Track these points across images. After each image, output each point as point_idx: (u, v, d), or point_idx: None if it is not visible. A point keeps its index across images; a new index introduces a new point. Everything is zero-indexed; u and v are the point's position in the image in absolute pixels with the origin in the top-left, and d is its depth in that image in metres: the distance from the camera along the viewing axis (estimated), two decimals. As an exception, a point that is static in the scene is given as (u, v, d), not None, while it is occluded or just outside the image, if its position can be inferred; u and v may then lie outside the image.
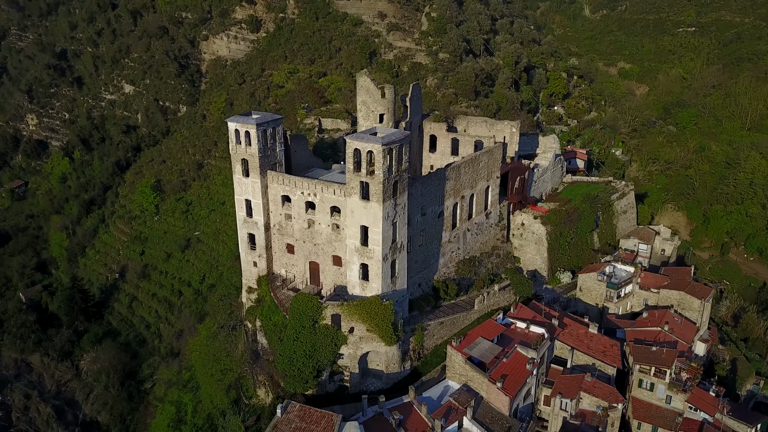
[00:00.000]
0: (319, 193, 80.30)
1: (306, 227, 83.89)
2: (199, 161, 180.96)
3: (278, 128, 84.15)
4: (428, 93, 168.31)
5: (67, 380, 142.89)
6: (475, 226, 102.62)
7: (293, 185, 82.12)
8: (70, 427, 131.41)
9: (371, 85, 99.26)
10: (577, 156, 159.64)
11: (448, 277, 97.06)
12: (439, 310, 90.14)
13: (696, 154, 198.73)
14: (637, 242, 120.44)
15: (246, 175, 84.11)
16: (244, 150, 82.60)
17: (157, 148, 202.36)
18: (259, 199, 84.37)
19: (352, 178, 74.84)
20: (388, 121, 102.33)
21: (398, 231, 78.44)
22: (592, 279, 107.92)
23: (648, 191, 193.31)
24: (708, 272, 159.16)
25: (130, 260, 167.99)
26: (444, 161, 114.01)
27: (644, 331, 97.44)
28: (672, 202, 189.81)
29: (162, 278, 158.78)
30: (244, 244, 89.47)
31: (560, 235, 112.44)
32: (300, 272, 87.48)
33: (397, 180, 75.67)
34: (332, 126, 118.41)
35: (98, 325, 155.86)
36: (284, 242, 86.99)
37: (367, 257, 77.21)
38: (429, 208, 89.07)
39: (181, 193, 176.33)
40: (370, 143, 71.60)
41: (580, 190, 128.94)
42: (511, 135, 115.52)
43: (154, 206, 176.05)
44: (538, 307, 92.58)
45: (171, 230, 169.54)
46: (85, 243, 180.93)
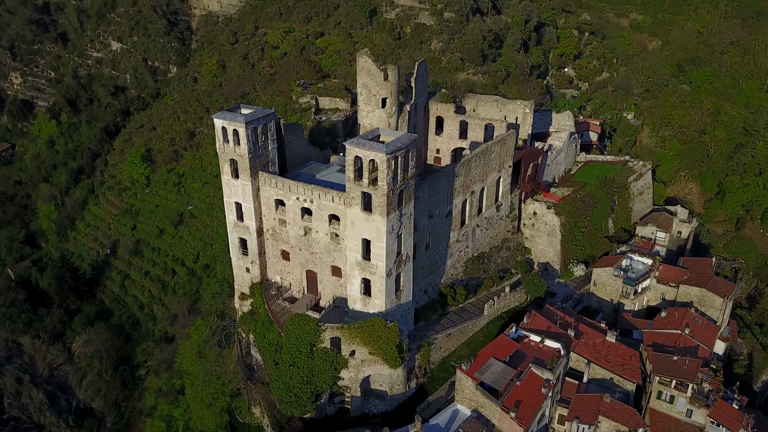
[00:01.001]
0: (316, 199, 72.75)
1: (302, 234, 76.75)
2: (191, 129, 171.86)
3: (270, 124, 75.71)
4: (433, 58, 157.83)
5: (59, 364, 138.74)
6: (484, 221, 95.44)
7: (287, 189, 74.48)
8: (64, 414, 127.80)
9: (372, 66, 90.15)
10: (590, 128, 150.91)
11: (456, 279, 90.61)
12: (447, 318, 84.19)
13: (711, 118, 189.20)
14: (655, 230, 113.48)
15: (235, 176, 76.33)
16: (232, 149, 74.55)
17: (147, 113, 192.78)
18: (251, 202, 76.89)
19: (352, 188, 67.23)
20: (391, 105, 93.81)
21: (403, 242, 71.41)
22: (608, 274, 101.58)
23: (660, 159, 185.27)
24: (722, 249, 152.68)
25: (122, 235, 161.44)
26: (451, 145, 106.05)
27: (663, 333, 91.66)
28: (685, 170, 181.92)
29: (155, 255, 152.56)
30: (236, 248, 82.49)
31: (574, 225, 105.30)
32: (296, 280, 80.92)
33: (402, 189, 68.05)
34: (330, 105, 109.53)
35: (90, 304, 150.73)
36: (279, 248, 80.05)
37: (370, 272, 70.45)
38: (437, 209, 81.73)
39: (172, 163, 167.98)
40: (372, 151, 63.64)
41: (595, 171, 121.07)
42: (524, 116, 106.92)
43: (144, 178, 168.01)
44: (552, 313, 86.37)
45: (163, 204, 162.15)
46: (74, 215, 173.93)
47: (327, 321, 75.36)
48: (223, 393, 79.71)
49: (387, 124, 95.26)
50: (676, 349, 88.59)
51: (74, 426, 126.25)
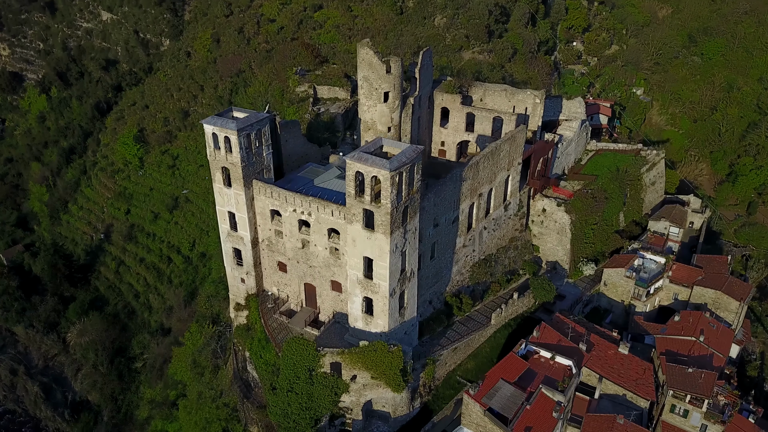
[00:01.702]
0: (314, 212, 67.95)
1: (299, 247, 72.20)
2: (185, 108, 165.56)
3: (264, 129, 70.32)
4: (436, 35, 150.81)
5: (54, 354, 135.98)
6: (492, 222, 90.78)
7: (283, 200, 69.60)
8: (59, 408, 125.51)
9: (374, 58, 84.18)
10: (600, 110, 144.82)
11: (462, 285, 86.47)
12: (452, 330, 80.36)
13: (723, 94, 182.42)
14: (668, 225, 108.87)
15: (228, 185, 71.33)
16: (224, 157, 69.36)
17: (139, 89, 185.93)
18: (244, 212, 72.08)
19: (353, 204, 62.41)
20: (394, 99, 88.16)
21: (408, 259, 66.95)
22: (620, 275, 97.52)
23: (670, 138, 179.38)
24: (732, 235, 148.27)
25: (116, 219, 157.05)
26: (457, 137, 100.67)
27: (677, 340, 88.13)
28: (695, 149, 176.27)
29: (150, 242, 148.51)
30: (230, 258, 78.01)
31: (585, 223, 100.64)
32: (294, 293, 76.75)
33: (407, 205, 63.23)
34: (329, 95, 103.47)
35: (84, 291, 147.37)
36: (275, 260, 75.62)
37: (372, 291, 66.21)
38: (442, 217, 77.00)
39: (166, 144, 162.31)
40: (375, 168, 58.60)
41: (606, 161, 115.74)
42: (533, 106, 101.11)
43: (137, 159, 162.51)
44: (562, 323, 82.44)
45: (157, 187, 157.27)
46: (66, 197, 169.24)
47: (327, 338, 71.68)
48: (218, 417, 76.51)
49: (389, 118, 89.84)
50: (690, 358, 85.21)
51: (70, 420, 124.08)
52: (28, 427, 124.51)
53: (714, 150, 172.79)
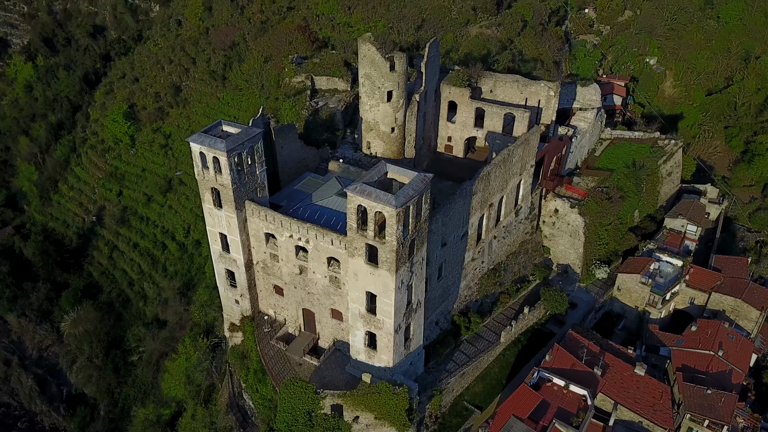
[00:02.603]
0: (312, 239, 62.46)
1: (297, 273, 67.03)
2: (177, 84, 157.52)
3: (258, 145, 64.07)
4: (442, 7, 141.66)
5: (48, 345, 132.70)
6: (502, 230, 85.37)
7: (279, 224, 63.99)
8: (55, 402, 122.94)
9: (377, 55, 77.20)
10: (614, 90, 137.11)
11: (470, 300, 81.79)
12: (460, 351, 76.07)
13: (740, 63, 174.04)
14: (686, 223, 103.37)
15: (218, 206, 65.58)
16: (213, 177, 63.41)
17: (129, 59, 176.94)
18: (237, 235, 66.59)
19: (355, 238, 56.93)
20: (398, 98, 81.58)
21: (414, 291, 61.90)
22: (634, 281, 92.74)
23: (684, 112, 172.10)
24: (747, 219, 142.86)
25: (107, 201, 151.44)
26: (465, 133, 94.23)
27: (694, 354, 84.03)
28: (708, 124, 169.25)
29: (143, 226, 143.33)
30: (222, 279, 72.95)
31: (599, 225, 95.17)
32: (292, 317, 72.00)
33: (414, 238, 57.74)
34: (328, 86, 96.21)
35: (77, 277, 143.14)
36: (271, 282, 70.50)
37: (375, 327, 61.45)
38: (451, 235, 71.56)
39: (158, 122, 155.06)
40: (379, 203, 52.85)
41: (622, 152, 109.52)
42: (547, 99, 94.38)
43: (128, 137, 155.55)
44: (575, 342, 78.05)
45: (150, 167, 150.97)
46: (56, 176, 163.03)
47: (327, 368, 67.54)
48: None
49: (393, 118, 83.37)
50: (708, 375, 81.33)
51: (66, 414, 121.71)
52: (23, 421, 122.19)
53: (729, 125, 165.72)
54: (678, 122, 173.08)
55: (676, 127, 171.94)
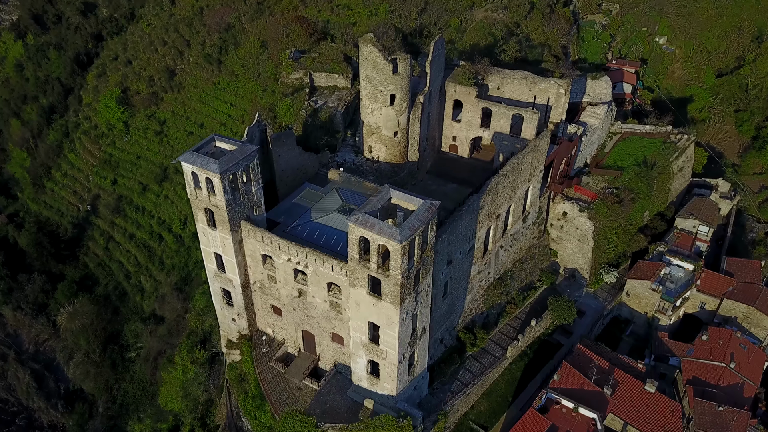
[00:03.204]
0: (311, 264, 59.29)
1: (296, 295, 64.05)
2: (171, 67, 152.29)
3: (253, 163, 60.38)
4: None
5: (44, 339, 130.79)
6: (509, 238, 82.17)
7: (276, 247, 60.72)
8: (53, 399, 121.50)
9: (379, 57, 72.89)
10: (624, 78, 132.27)
11: (475, 312, 79.05)
12: (465, 368, 73.56)
13: (752, 43, 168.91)
14: (697, 224, 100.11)
15: (212, 226, 62.23)
16: (206, 198, 59.92)
17: (121, 39, 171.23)
18: (232, 256, 63.42)
19: (357, 269, 53.75)
20: (401, 101, 77.49)
21: (419, 318, 59.02)
22: (644, 287, 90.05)
23: (693, 95, 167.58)
24: (756, 209, 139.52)
25: (102, 189, 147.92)
26: (471, 133, 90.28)
27: (705, 365, 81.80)
28: (718, 107, 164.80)
29: (139, 216, 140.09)
30: (218, 297, 70.03)
31: (609, 229, 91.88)
32: (291, 337, 69.27)
33: (420, 268, 54.59)
34: (327, 83, 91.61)
35: (73, 269, 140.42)
36: (269, 303, 67.58)
37: (378, 356, 58.80)
38: (457, 252, 68.39)
39: (152, 107, 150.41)
40: (383, 237, 49.54)
41: (632, 148, 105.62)
42: (557, 97, 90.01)
43: (122, 123, 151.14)
44: (584, 356, 75.62)
45: (145, 155, 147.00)
46: (49, 162, 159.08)
47: (328, 392, 65.26)
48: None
49: (396, 122, 79.39)
50: (719, 389, 79.19)
51: (65, 411, 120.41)
52: (21, 417, 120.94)
53: (740, 109, 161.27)
54: (687, 106, 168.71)
55: (685, 110, 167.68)
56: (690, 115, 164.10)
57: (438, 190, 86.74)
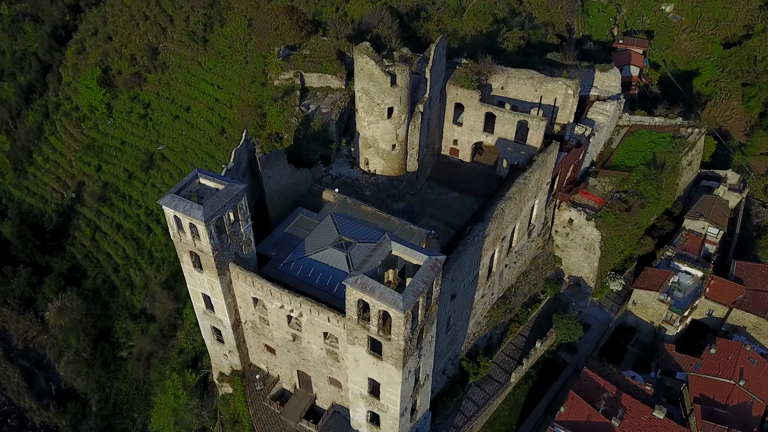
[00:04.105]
0: (306, 313, 55.27)
1: (290, 339, 60.25)
2: (153, 45, 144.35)
3: (241, 202, 55.50)
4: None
5: (33, 336, 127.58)
6: (514, 255, 78.18)
7: (267, 293, 56.52)
8: (44, 399, 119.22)
9: (376, 69, 67.23)
10: (632, 60, 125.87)
11: (478, 336, 75.71)
12: (468, 398, 70.80)
13: (761, 11, 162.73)
14: (707, 225, 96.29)
15: (199, 269, 57.80)
16: (191, 242, 55.28)
17: (100, 11, 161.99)
18: (221, 298, 59.27)
19: (355, 329, 49.82)
20: (400, 113, 72.12)
21: (423, 368, 55.53)
22: (652, 297, 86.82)
23: (700, 68, 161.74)
24: (762, 192, 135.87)
25: (87, 176, 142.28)
26: (473, 137, 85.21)
27: (713, 382, 79.45)
28: (725, 80, 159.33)
29: (126, 206, 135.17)
30: (208, 334, 66.19)
31: (616, 236, 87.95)
32: (286, 375, 65.84)
33: (424, 325, 50.71)
34: (320, 83, 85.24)
35: (60, 259, 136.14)
36: (262, 341, 63.85)
37: (378, 409, 55.59)
38: (461, 284, 64.43)
39: (135, 89, 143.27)
40: (384, 303, 45.43)
41: (641, 143, 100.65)
42: (564, 98, 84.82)
43: (104, 105, 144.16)
44: (591, 383, 72.82)
45: (129, 140, 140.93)
46: (29, 146, 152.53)
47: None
48: None
49: (394, 135, 74.25)
50: (728, 408, 77.08)
51: (57, 411, 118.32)
52: (13, 417, 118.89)
53: (747, 82, 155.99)
54: (693, 80, 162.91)
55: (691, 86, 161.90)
56: (696, 90, 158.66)
57: (438, 199, 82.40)
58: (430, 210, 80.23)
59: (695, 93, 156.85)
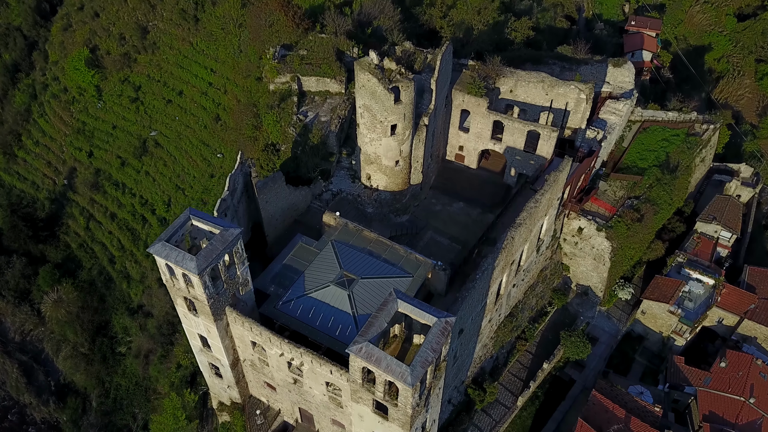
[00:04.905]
0: (307, 363, 52.72)
1: (291, 382, 57.91)
2: (143, 23, 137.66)
3: (237, 246, 52.16)
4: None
5: (30, 329, 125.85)
6: (522, 273, 75.28)
7: (267, 339, 53.82)
8: (44, 395, 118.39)
9: (378, 87, 62.97)
10: (644, 44, 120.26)
11: (485, 359, 73.58)
12: (474, 425, 69.08)
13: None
14: (719, 229, 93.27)
15: (194, 313, 54.92)
16: (184, 289, 52.20)
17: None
18: (218, 341, 56.59)
19: (359, 390, 47.32)
20: (404, 129, 68.09)
21: (430, 417, 53.38)
22: (662, 309, 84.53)
23: (712, 42, 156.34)
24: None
25: (78, 162, 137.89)
26: (480, 145, 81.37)
27: (723, 398, 78.10)
28: (738, 55, 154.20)
29: (119, 194, 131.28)
30: (206, 368, 63.82)
31: (627, 247, 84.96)
32: (287, 410, 63.82)
33: (432, 384, 48.21)
34: (318, 87, 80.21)
35: (54, 249, 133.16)
36: (262, 379, 61.58)
37: (384, 458, 53.67)
38: (468, 318, 61.79)
39: (125, 70, 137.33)
40: (391, 376, 42.77)
41: (653, 141, 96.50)
42: (577, 102, 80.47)
43: (94, 87, 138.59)
44: (600, 407, 71.13)
45: (121, 125, 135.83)
46: (18, 129, 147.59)
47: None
48: None
49: (398, 151, 70.38)
50: (738, 427, 75.85)
51: (57, 407, 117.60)
52: (13, 413, 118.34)
53: (761, 58, 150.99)
54: (705, 55, 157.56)
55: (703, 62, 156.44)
56: (707, 66, 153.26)
57: (443, 211, 79.23)
58: (435, 223, 77.16)
59: (707, 70, 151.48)
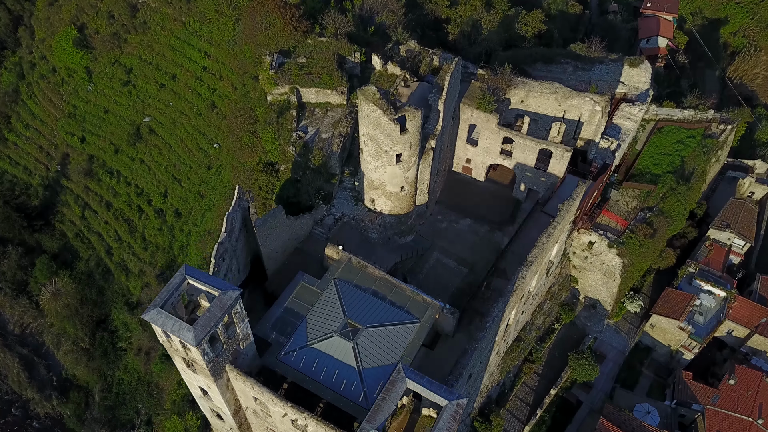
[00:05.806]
0: (312, 426, 50.99)
1: (296, 434, 56.44)
2: (132, 2, 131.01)
3: (237, 306, 49.56)
4: None
5: (29, 322, 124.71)
6: (531, 298, 73.02)
7: (269, 400, 51.95)
8: (46, 390, 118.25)
9: (383, 118, 59.30)
10: (660, 29, 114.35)
11: (492, 387, 72.16)
12: (480, 458, 68.32)
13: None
14: (733, 237, 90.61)
15: (193, 371, 52.82)
16: (182, 351, 49.94)
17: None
18: (219, 395, 54.71)
19: (366, 465, 45.74)
20: (410, 157, 64.62)
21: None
22: (671, 324, 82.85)
23: (729, 15, 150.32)
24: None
25: (71, 148, 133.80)
26: (489, 159, 78.01)
27: (730, 418, 77.48)
28: (754, 28, 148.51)
29: (114, 183, 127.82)
30: (208, 412, 62.22)
31: (639, 261, 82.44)
32: (292, 451, 62.67)
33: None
34: (318, 99, 75.40)
35: (50, 238, 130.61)
36: (265, 425, 60.08)
37: None
38: (477, 363, 59.85)
39: (115, 51, 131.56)
40: (399, 464, 40.99)
41: (668, 144, 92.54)
42: (591, 114, 76.37)
43: (83, 69, 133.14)
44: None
45: (113, 109, 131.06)
46: (7, 111, 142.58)
47: None
48: None
49: (403, 177, 66.91)
50: (744, 449, 75.43)
51: (59, 402, 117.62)
52: (17, 407, 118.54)
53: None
54: (720, 29, 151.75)
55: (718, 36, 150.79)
56: (723, 40, 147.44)
57: (449, 229, 76.39)
58: (441, 242, 74.49)
59: (722, 45, 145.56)
